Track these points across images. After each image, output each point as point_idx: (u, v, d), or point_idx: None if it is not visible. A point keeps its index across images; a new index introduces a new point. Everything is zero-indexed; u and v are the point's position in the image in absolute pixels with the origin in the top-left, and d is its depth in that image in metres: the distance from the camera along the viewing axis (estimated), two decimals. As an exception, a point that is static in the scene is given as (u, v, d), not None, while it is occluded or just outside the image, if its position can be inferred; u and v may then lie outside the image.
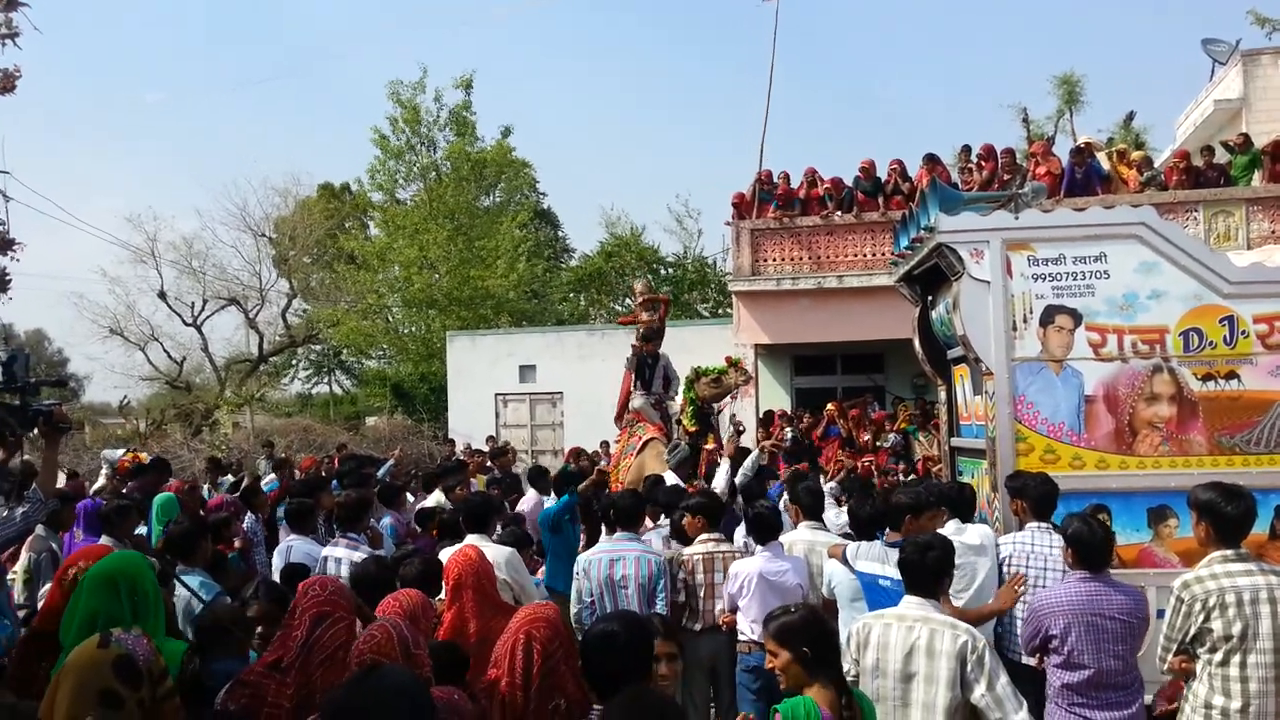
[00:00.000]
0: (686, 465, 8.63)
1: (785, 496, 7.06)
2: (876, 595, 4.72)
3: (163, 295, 29.42)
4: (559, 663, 3.10)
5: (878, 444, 14.16)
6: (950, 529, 5.08)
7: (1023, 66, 62.88)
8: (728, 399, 11.19)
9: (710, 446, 9.59)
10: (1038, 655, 4.37)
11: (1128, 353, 6.11)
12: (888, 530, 5.18)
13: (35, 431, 4.70)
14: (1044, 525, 5.21)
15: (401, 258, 29.84)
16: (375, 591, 3.89)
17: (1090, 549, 4.25)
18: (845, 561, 5.13)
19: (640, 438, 10.29)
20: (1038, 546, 5.10)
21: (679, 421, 10.54)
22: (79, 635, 2.75)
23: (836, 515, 7.13)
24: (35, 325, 44.17)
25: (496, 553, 5.37)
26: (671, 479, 7.70)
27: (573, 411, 20.50)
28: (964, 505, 5.59)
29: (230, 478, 11.69)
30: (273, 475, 11.24)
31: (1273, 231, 13.56)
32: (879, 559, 4.86)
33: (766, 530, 5.46)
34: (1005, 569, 5.11)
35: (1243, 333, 6.06)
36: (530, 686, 3.04)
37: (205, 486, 10.90)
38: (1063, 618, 4.14)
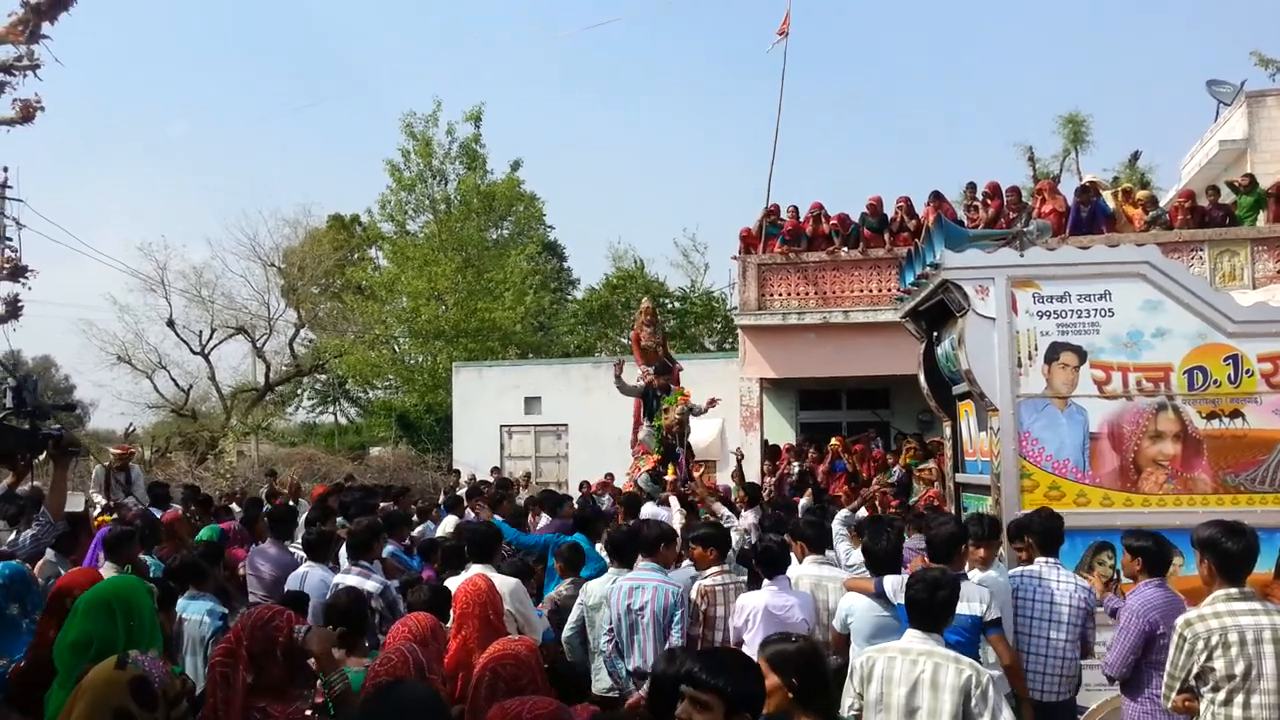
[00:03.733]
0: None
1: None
2: None
3: (171, 323, 29.57)
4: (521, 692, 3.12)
5: (880, 476, 14.11)
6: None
7: (1029, 106, 63.39)
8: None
9: (671, 477, 9.69)
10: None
11: (1132, 390, 6.14)
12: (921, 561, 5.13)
13: (44, 456, 4.73)
14: (1051, 561, 5.19)
15: (410, 289, 30.03)
16: (347, 621, 3.89)
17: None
18: (881, 594, 5.05)
19: (640, 469, 10.37)
20: (1046, 581, 5.07)
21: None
22: (71, 658, 2.77)
23: (844, 551, 7.01)
24: (44, 352, 44.26)
25: (502, 583, 5.37)
26: (649, 511, 7.75)
27: (578, 444, 20.51)
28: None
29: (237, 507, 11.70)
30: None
31: (1278, 271, 13.59)
32: None
33: (773, 564, 5.45)
34: (1016, 604, 5.06)
35: (1247, 371, 6.09)
36: None
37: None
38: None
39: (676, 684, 3.12)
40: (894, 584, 4.98)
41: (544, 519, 9.02)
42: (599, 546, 6.77)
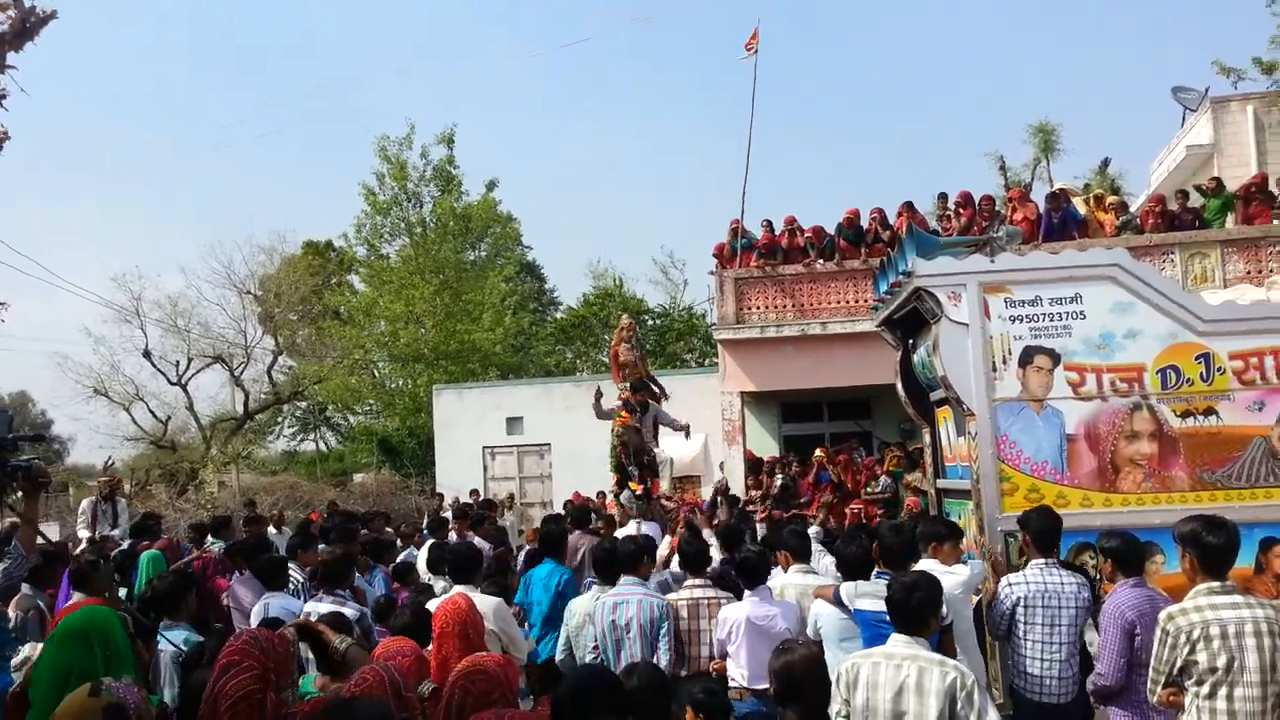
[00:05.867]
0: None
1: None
2: (879, 633, 4.67)
3: (147, 354, 29.29)
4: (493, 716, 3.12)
5: (866, 490, 14.16)
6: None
7: (1000, 116, 64.13)
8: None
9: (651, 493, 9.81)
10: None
11: (1107, 391, 6.19)
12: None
13: (14, 486, 4.66)
14: (1050, 561, 5.15)
15: (388, 313, 29.94)
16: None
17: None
18: (839, 601, 5.11)
19: (636, 490, 10.40)
20: (1049, 584, 5.02)
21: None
22: (49, 688, 2.73)
23: (831, 562, 7.03)
24: (19, 387, 43.79)
25: (484, 602, 5.34)
26: (631, 529, 7.80)
27: (561, 463, 20.46)
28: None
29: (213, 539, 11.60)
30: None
31: (1248, 272, 13.77)
32: (883, 596, 4.82)
33: (753, 575, 5.44)
34: (1020, 610, 5.04)
35: (1219, 369, 6.15)
36: None
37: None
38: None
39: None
40: (848, 591, 5.05)
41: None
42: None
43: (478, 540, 8.61)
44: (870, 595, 4.93)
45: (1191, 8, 58.66)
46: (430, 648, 4.47)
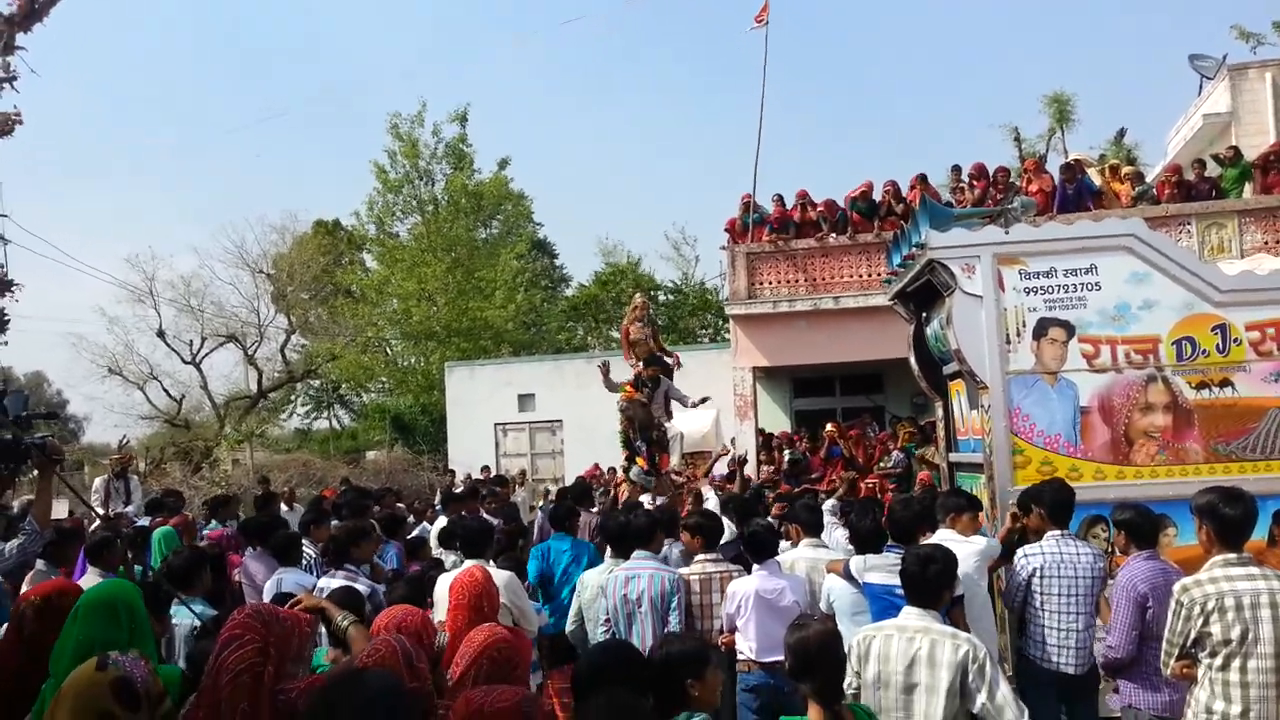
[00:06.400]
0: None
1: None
2: (888, 605, 4.67)
3: (161, 334, 29.46)
4: (513, 682, 3.13)
5: (879, 465, 14.14)
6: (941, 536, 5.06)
7: (1014, 87, 63.42)
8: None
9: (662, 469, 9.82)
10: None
11: (1121, 363, 6.13)
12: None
13: (29, 464, 4.69)
14: (1065, 533, 5.13)
15: (400, 291, 29.99)
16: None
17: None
18: (849, 575, 5.11)
19: (642, 465, 10.39)
20: (1066, 555, 5.01)
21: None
22: (73, 662, 2.74)
23: (843, 535, 7.06)
24: (35, 367, 44.09)
25: (497, 576, 5.35)
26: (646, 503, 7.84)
27: (572, 439, 20.51)
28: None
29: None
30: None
31: (1265, 243, 13.61)
32: (893, 570, 4.82)
33: (762, 549, 5.44)
34: (1037, 580, 5.02)
35: (1235, 340, 6.08)
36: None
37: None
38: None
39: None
40: (858, 564, 5.07)
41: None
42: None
43: (484, 516, 8.68)
44: (879, 568, 4.93)
45: (1209, -26, 57.75)
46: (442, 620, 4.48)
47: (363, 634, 3.30)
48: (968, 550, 5.00)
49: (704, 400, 11.16)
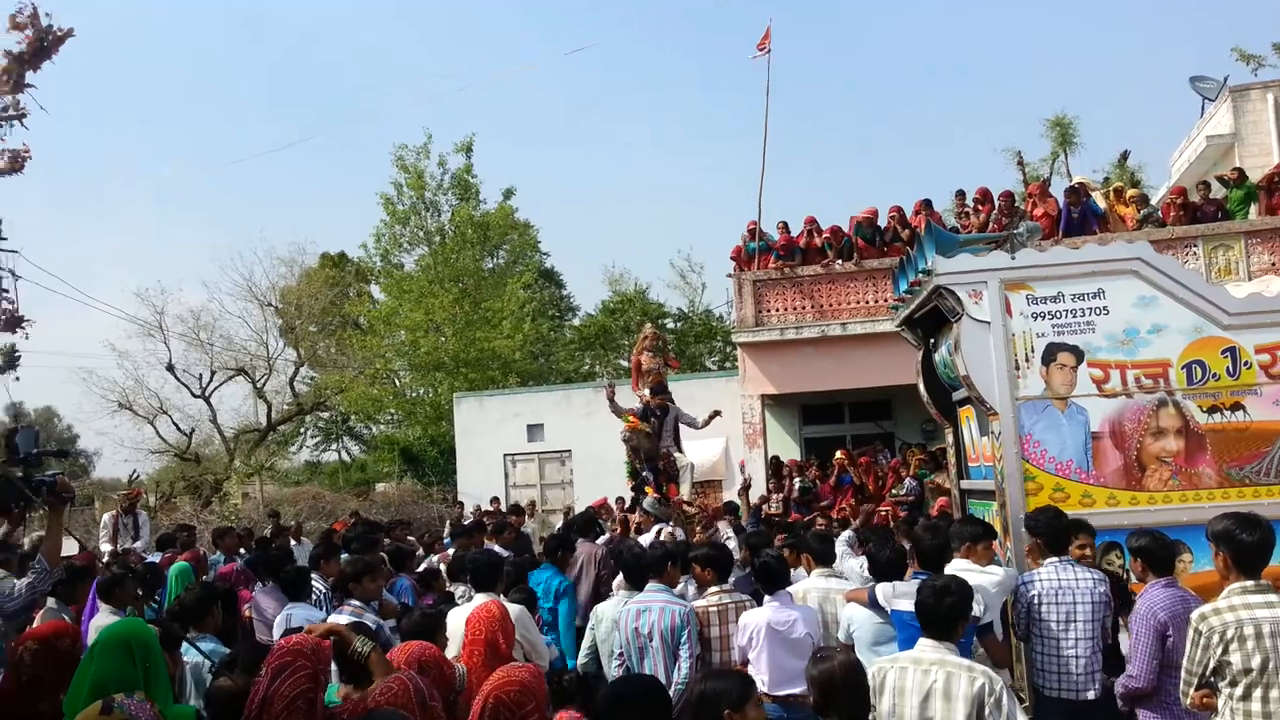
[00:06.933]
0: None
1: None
2: (916, 633, 4.61)
3: (171, 368, 29.52)
4: None
5: (893, 492, 14.06)
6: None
7: (1016, 111, 63.70)
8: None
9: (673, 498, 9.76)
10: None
11: (1131, 388, 6.11)
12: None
13: (39, 501, 4.70)
14: (1064, 559, 5.11)
15: (407, 322, 30.05)
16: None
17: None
18: (875, 603, 5.03)
19: (649, 492, 10.36)
20: (1064, 581, 4.99)
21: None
22: (89, 702, 2.73)
23: (860, 565, 7.00)
24: (45, 403, 44.24)
25: (509, 610, 5.32)
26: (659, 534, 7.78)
27: (582, 469, 20.44)
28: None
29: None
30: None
31: (1273, 264, 13.59)
32: None
33: (772, 580, 5.39)
34: (1037, 607, 5.01)
35: (1245, 363, 6.06)
36: None
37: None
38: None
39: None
40: (885, 592, 4.99)
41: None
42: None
43: (498, 548, 8.64)
44: (907, 596, 4.87)
45: (1209, -3, 58.11)
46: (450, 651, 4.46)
47: (381, 659, 3.29)
48: (986, 580, 4.97)
49: (714, 414, 11.07)
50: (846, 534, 8.19)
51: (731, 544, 8.14)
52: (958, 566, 4.99)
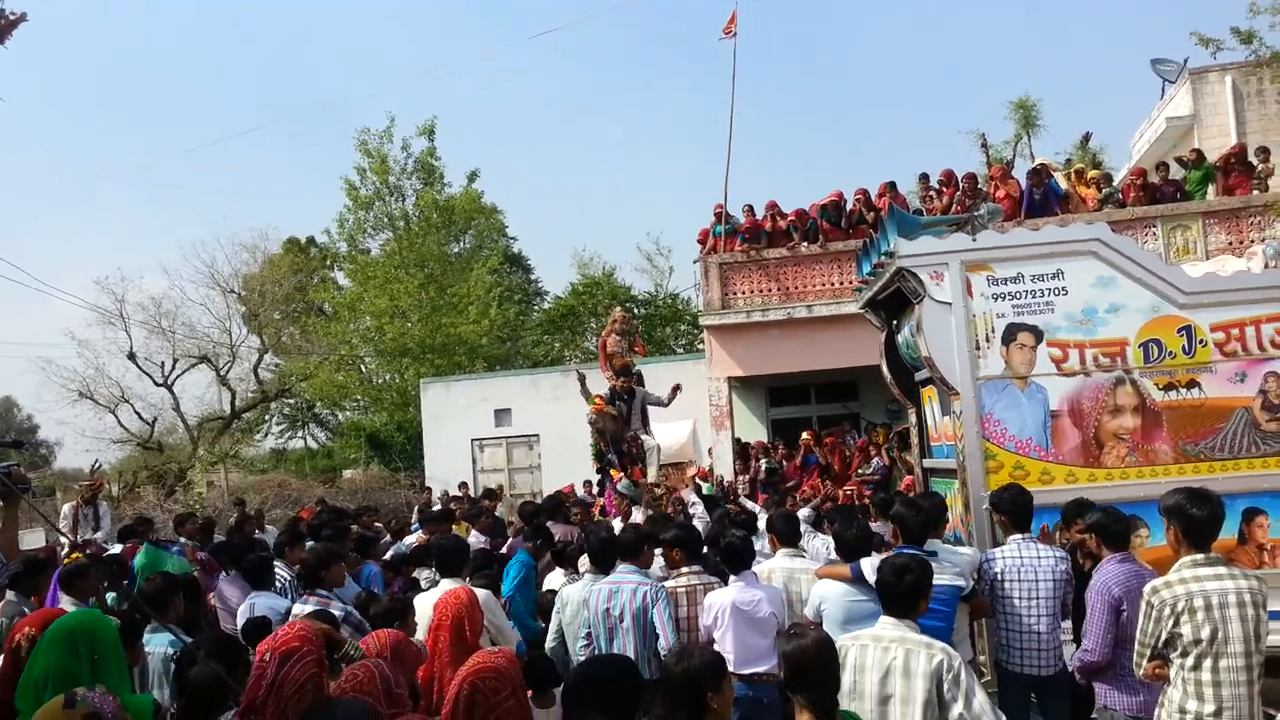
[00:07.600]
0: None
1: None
2: None
3: (132, 356, 29.07)
4: (506, 713, 3.13)
5: (859, 472, 14.19)
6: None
7: (980, 93, 64.09)
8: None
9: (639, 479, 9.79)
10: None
11: (1090, 367, 6.20)
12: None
13: None
14: (1027, 536, 5.21)
15: (373, 308, 29.82)
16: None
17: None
18: (859, 577, 5.00)
19: (620, 476, 10.37)
20: (1026, 558, 5.08)
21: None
22: (36, 695, 2.71)
23: (822, 544, 7.05)
24: (4, 393, 43.52)
25: (477, 595, 5.32)
26: (636, 518, 7.78)
27: (550, 453, 20.43)
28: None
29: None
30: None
31: (1229, 244, 13.81)
32: None
33: (737, 560, 5.42)
34: (1000, 583, 5.08)
35: (1201, 342, 6.16)
36: None
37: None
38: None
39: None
40: (871, 565, 4.94)
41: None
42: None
43: (475, 534, 8.63)
44: None
45: (1169, -20, 58.65)
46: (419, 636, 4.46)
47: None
48: (960, 558, 5.07)
49: (676, 388, 11.07)
50: (804, 511, 8.24)
51: (697, 509, 8.20)
52: (932, 545, 5.06)
